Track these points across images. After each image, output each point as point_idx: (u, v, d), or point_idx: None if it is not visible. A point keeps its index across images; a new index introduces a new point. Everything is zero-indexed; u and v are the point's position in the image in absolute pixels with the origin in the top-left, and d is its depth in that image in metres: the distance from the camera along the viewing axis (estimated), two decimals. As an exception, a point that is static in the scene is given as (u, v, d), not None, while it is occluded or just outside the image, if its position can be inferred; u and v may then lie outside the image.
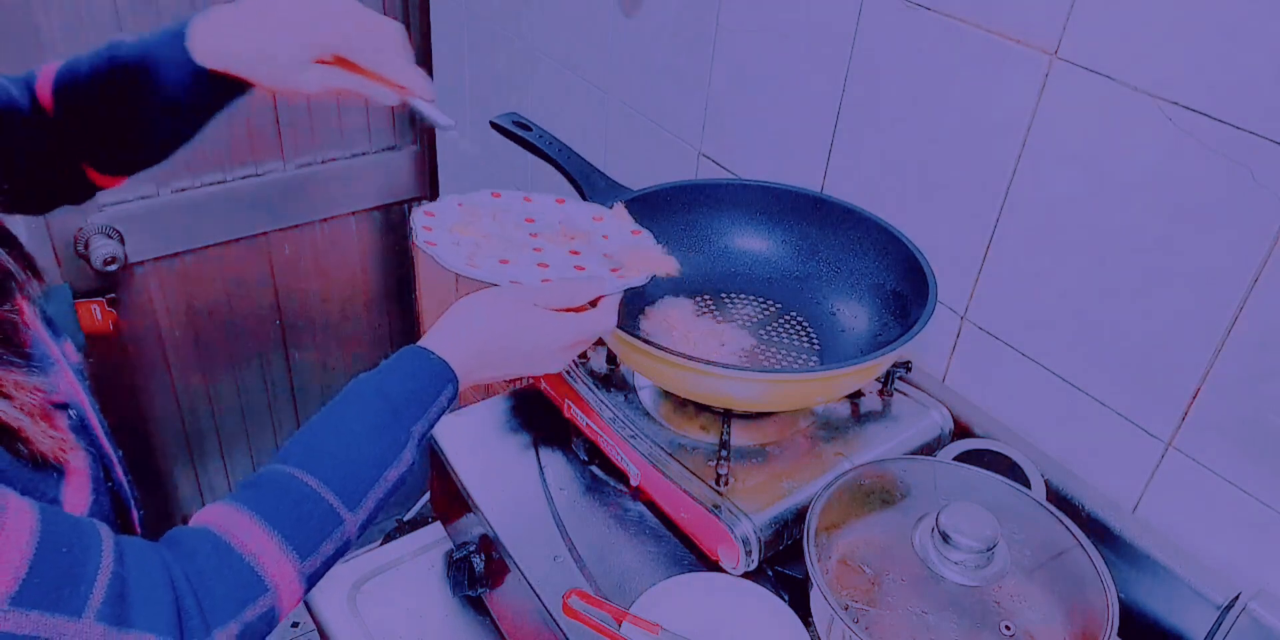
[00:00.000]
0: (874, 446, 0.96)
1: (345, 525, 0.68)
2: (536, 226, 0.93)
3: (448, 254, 0.85)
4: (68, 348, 0.75)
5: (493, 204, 0.95)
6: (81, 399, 0.72)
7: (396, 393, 0.73)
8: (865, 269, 1.01)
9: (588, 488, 1.02)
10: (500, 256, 0.87)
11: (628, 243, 0.93)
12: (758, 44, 1.16)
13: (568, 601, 0.84)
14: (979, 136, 0.95)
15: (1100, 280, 0.89)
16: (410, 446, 0.72)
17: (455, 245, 0.87)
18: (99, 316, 1.80)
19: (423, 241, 0.86)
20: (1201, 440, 0.85)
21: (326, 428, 0.71)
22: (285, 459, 0.69)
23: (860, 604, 0.76)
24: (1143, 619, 0.89)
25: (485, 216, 0.92)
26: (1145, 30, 0.79)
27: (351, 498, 0.68)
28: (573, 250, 0.90)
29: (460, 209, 0.93)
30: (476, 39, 1.74)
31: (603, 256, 0.90)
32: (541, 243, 0.91)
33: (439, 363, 0.75)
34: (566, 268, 0.87)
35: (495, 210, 0.94)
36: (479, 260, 0.86)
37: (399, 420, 0.72)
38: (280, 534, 0.64)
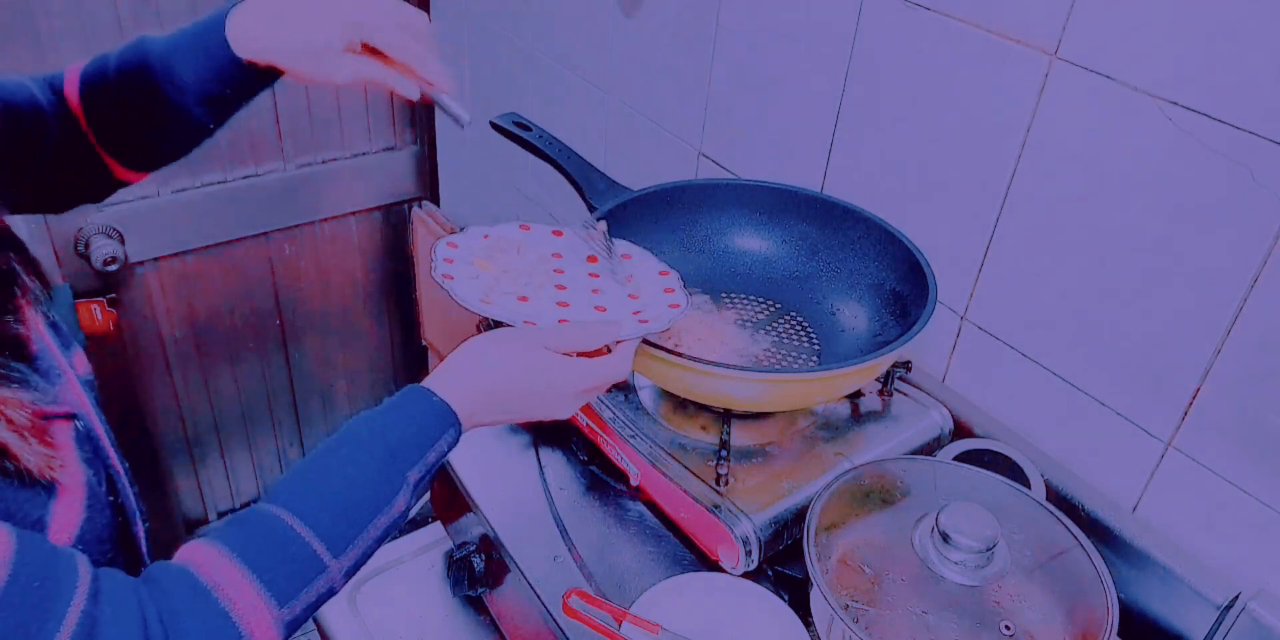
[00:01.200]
0: (874, 446, 0.96)
1: (329, 572, 0.65)
2: (562, 262, 0.90)
3: (463, 289, 0.83)
4: (77, 358, 0.74)
5: (519, 237, 0.92)
6: (89, 411, 0.71)
7: (395, 435, 0.70)
8: (865, 269, 1.01)
9: (588, 488, 1.02)
10: (519, 293, 0.85)
11: (654, 284, 0.91)
12: (758, 44, 1.16)
13: (568, 601, 0.84)
14: (979, 136, 0.95)
15: (1100, 280, 0.89)
16: (404, 493, 0.70)
17: (474, 280, 0.85)
18: (99, 316, 1.80)
19: (440, 275, 0.84)
20: (1201, 440, 0.85)
21: (320, 468, 0.69)
22: (274, 497, 0.67)
23: (860, 604, 0.76)
24: (1143, 619, 0.89)
25: (510, 250, 0.90)
26: (1145, 30, 0.79)
27: (338, 544, 0.66)
28: (595, 289, 0.88)
29: (485, 241, 0.91)
30: (476, 39, 1.74)
31: (627, 297, 0.88)
32: (565, 280, 0.88)
33: (441, 405, 0.72)
34: (587, 308, 0.85)
35: (521, 244, 0.91)
36: (495, 297, 0.83)
37: (394, 464, 0.69)
38: (260, 579, 0.62)
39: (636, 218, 1.00)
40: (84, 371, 0.75)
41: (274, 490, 0.68)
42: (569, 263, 0.91)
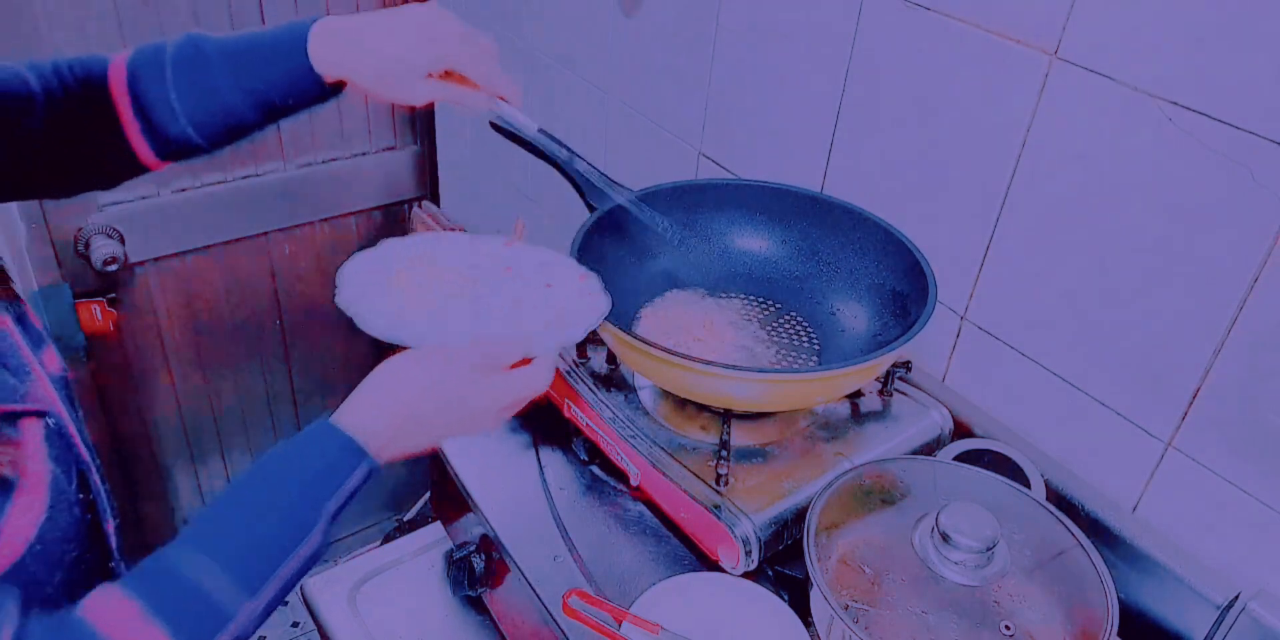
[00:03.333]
0: (874, 446, 0.96)
1: (242, 613, 0.64)
2: (480, 272, 0.87)
3: (369, 315, 0.80)
4: (48, 356, 0.74)
5: (434, 249, 0.89)
6: (59, 408, 0.71)
7: (306, 471, 0.69)
8: (865, 269, 1.01)
9: (588, 488, 1.02)
10: (434, 309, 0.82)
11: (573, 289, 0.87)
12: (758, 44, 1.16)
13: (568, 601, 0.84)
14: (979, 136, 0.95)
15: (1100, 280, 0.89)
16: (321, 526, 0.68)
17: (384, 298, 0.83)
18: (99, 316, 1.80)
19: (345, 300, 0.81)
20: (1201, 440, 0.85)
21: (231, 507, 0.68)
22: (186, 539, 0.66)
23: (860, 604, 0.76)
24: (1143, 619, 0.89)
25: (423, 264, 0.87)
26: (1145, 30, 0.79)
27: (252, 583, 0.65)
28: (515, 299, 0.85)
29: (397, 256, 0.87)
30: (476, 39, 1.74)
31: (546, 305, 0.85)
32: (483, 291, 0.85)
33: (347, 441, 0.70)
34: (505, 320, 0.82)
35: (436, 256, 0.88)
36: (410, 315, 0.81)
37: (307, 500, 0.68)
38: (169, 627, 0.61)
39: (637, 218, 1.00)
40: (55, 369, 0.74)
41: (187, 531, 0.67)
42: (487, 272, 0.88)
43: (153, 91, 0.84)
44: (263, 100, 0.84)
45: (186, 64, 0.83)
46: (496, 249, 0.91)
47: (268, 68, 0.83)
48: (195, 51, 0.84)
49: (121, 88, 0.84)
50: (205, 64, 0.83)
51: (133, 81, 0.84)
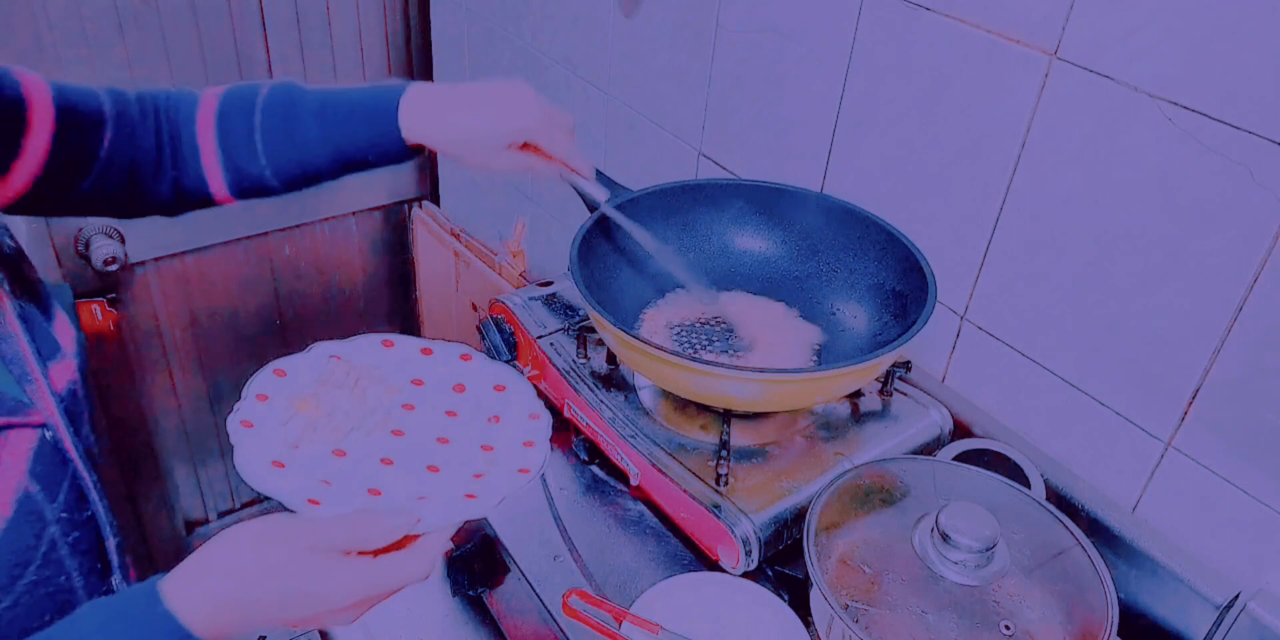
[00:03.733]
0: (874, 446, 0.96)
1: None
2: (420, 394, 0.76)
3: (253, 446, 0.68)
4: (59, 369, 0.74)
5: (373, 359, 0.78)
6: (58, 423, 0.70)
7: None
8: (865, 269, 1.01)
9: (588, 488, 1.02)
10: (336, 445, 0.70)
11: (518, 431, 0.74)
12: (758, 44, 1.16)
13: (568, 601, 0.84)
14: (979, 136, 0.95)
15: (1100, 280, 0.89)
16: None
17: (282, 426, 0.71)
18: (99, 316, 1.80)
19: (235, 423, 0.69)
20: (1201, 440, 0.85)
21: None
22: None
23: (860, 604, 0.76)
24: (1142, 619, 0.89)
25: (349, 382, 0.75)
26: (1145, 30, 0.79)
27: None
28: (442, 437, 0.73)
29: (326, 368, 0.76)
30: (476, 39, 1.74)
31: (479, 449, 0.73)
32: (409, 422, 0.73)
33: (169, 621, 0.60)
34: (416, 469, 0.70)
35: (367, 371, 0.77)
36: (303, 447, 0.69)
37: None
38: None
39: (636, 218, 1.00)
40: (63, 383, 0.73)
41: None
42: (427, 395, 0.76)
43: (239, 130, 0.88)
44: (344, 155, 0.90)
45: (277, 110, 0.88)
46: (451, 361, 0.80)
47: (357, 127, 0.88)
48: (288, 99, 0.89)
49: (209, 122, 0.88)
50: (295, 114, 0.88)
51: (222, 118, 0.88)
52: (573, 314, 1.11)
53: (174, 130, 0.88)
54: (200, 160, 0.89)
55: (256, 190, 0.92)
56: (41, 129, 0.80)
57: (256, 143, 0.88)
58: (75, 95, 0.83)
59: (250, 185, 0.91)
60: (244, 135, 0.88)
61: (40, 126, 0.79)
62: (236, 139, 0.88)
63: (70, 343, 0.78)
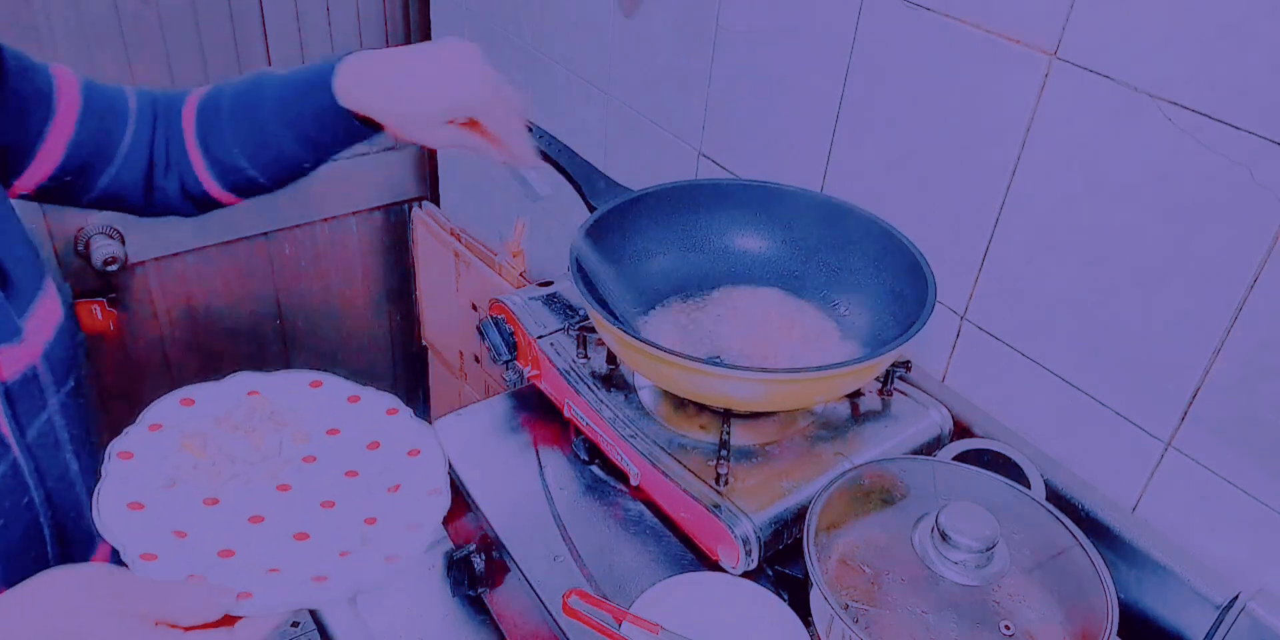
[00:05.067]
0: (874, 446, 0.96)
1: None
2: (329, 445, 0.71)
3: (117, 481, 0.64)
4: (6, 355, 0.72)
5: (299, 400, 0.73)
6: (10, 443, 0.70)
7: None
8: (865, 269, 1.01)
9: (588, 488, 1.02)
10: (212, 493, 0.66)
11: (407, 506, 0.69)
12: (758, 44, 1.16)
13: (568, 601, 0.84)
14: (979, 136, 0.95)
15: (1100, 280, 0.89)
16: None
17: (160, 463, 0.67)
18: (99, 316, 1.80)
19: (113, 452, 0.66)
20: (1201, 440, 0.85)
21: None
22: None
23: (860, 604, 0.76)
24: (1142, 619, 0.89)
25: (254, 424, 0.71)
26: (1145, 30, 0.79)
27: None
28: (327, 500, 0.67)
29: (238, 403, 0.72)
30: (476, 39, 1.74)
31: (363, 521, 0.67)
32: (306, 476, 0.69)
33: None
34: (282, 536, 0.64)
35: (279, 414, 0.73)
36: (173, 492, 0.64)
37: None
38: None
39: (636, 218, 1.00)
40: (12, 371, 0.72)
41: None
42: (335, 448, 0.71)
43: (214, 126, 0.88)
44: (303, 135, 0.85)
45: (242, 98, 0.87)
46: (375, 413, 0.75)
47: (302, 103, 0.84)
48: (252, 86, 0.87)
49: (190, 120, 0.88)
50: (257, 99, 0.86)
51: (200, 114, 0.88)
52: (573, 314, 1.11)
53: (172, 131, 0.89)
54: (189, 159, 0.89)
55: (247, 186, 0.90)
56: (66, 120, 0.82)
57: (228, 136, 0.87)
58: (103, 91, 0.86)
59: (239, 181, 0.90)
60: (218, 130, 0.87)
61: (65, 118, 0.82)
62: (214, 135, 0.88)
63: (46, 326, 0.77)
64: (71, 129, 0.83)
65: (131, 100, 0.88)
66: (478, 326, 1.12)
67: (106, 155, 0.86)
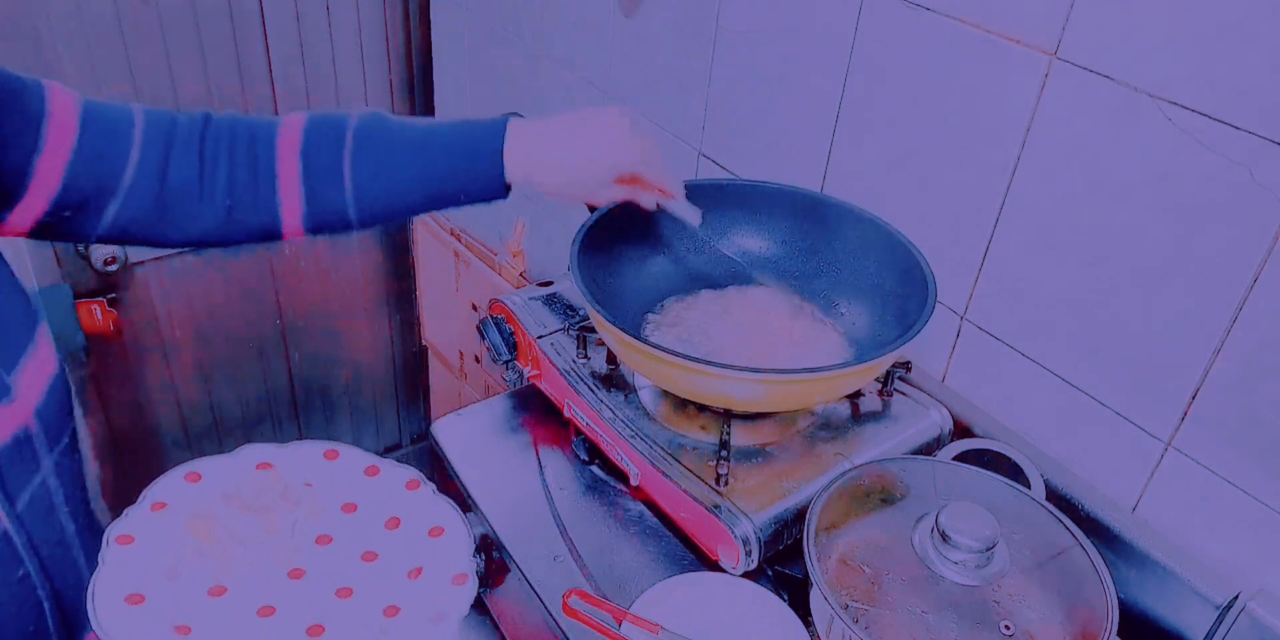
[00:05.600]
0: (874, 446, 0.96)
1: None
2: (349, 523, 0.66)
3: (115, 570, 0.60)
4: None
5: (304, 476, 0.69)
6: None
7: None
8: (865, 269, 1.01)
9: (588, 488, 1.02)
10: (218, 581, 0.62)
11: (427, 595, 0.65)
12: (758, 44, 1.16)
13: (568, 601, 0.84)
14: (979, 136, 0.95)
15: (1100, 280, 0.89)
16: None
17: (164, 548, 0.63)
18: (99, 317, 1.80)
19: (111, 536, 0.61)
20: (1201, 440, 0.85)
21: None
22: None
23: (860, 604, 0.76)
24: (1142, 619, 0.89)
25: (264, 503, 0.67)
26: (1145, 30, 0.79)
27: None
28: (344, 588, 0.63)
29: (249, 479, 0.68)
30: (476, 39, 1.74)
31: (381, 613, 0.64)
32: (317, 562, 0.64)
33: None
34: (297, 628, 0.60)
35: (291, 491, 0.69)
36: (177, 583, 0.60)
37: None
38: None
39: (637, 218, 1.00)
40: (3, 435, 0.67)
41: None
42: (352, 527, 0.67)
43: (326, 161, 0.82)
44: (439, 192, 0.84)
45: (372, 142, 0.82)
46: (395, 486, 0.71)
47: (457, 163, 0.83)
48: (381, 131, 0.83)
49: (292, 150, 0.82)
50: (391, 146, 0.82)
51: (308, 147, 0.82)
52: (573, 314, 1.11)
53: (250, 158, 0.82)
54: (277, 190, 0.82)
55: (333, 225, 0.85)
56: (58, 150, 0.74)
57: (344, 174, 0.82)
58: (104, 114, 0.78)
59: (328, 220, 0.84)
60: (332, 166, 0.82)
61: (57, 148, 0.74)
62: (323, 170, 0.82)
63: (38, 382, 0.71)
64: (66, 158, 0.75)
65: (138, 123, 0.80)
66: (478, 326, 1.12)
67: (109, 187, 0.78)
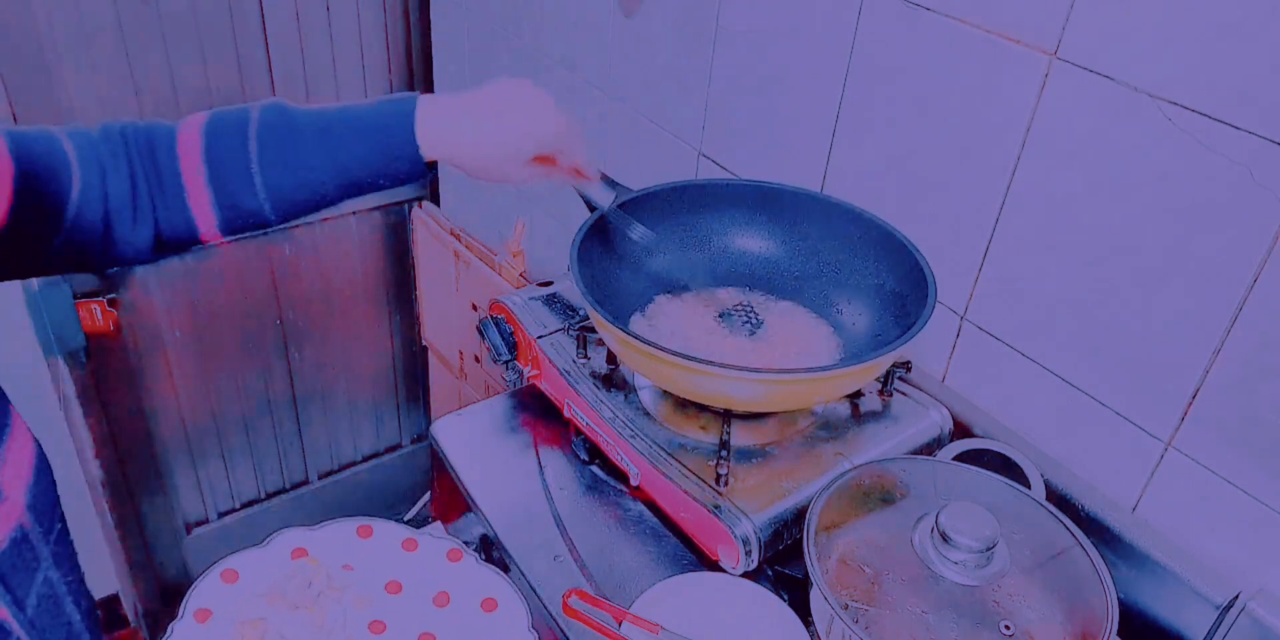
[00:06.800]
0: (874, 446, 0.96)
1: None
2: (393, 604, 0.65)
3: None
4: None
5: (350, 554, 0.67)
6: (10, 624, 0.62)
7: None
8: (865, 269, 1.01)
9: (588, 488, 1.02)
10: None
11: None
12: (758, 44, 1.16)
13: (568, 601, 0.84)
14: (979, 136, 0.95)
15: (1100, 280, 0.89)
16: None
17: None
18: (99, 316, 1.80)
19: None
20: (1201, 440, 0.85)
21: None
22: None
23: (860, 604, 0.76)
24: (1142, 619, 0.89)
25: (313, 596, 0.65)
26: (1145, 30, 0.79)
27: None
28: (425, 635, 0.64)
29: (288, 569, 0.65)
30: (476, 39, 1.74)
31: None
32: None
33: None
34: None
35: (339, 573, 0.66)
36: None
37: None
38: None
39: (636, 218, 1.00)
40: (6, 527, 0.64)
41: None
42: (402, 610, 0.66)
43: (231, 161, 0.78)
44: (352, 178, 0.81)
45: (274, 135, 0.79)
46: (437, 560, 0.69)
47: (368, 147, 0.80)
48: (284, 121, 0.80)
49: (194, 155, 0.78)
50: (296, 137, 0.79)
51: (210, 150, 0.79)
52: (573, 314, 1.11)
53: (152, 167, 0.78)
54: (185, 198, 0.79)
55: (249, 224, 0.82)
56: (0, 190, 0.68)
57: (252, 173, 0.79)
58: (36, 144, 0.73)
59: (243, 220, 0.81)
60: (238, 166, 0.79)
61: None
62: (229, 171, 0.79)
63: (22, 470, 0.66)
64: (8, 200, 0.68)
65: (70, 149, 0.74)
66: (478, 326, 1.12)
67: (54, 219, 0.73)
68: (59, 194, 0.73)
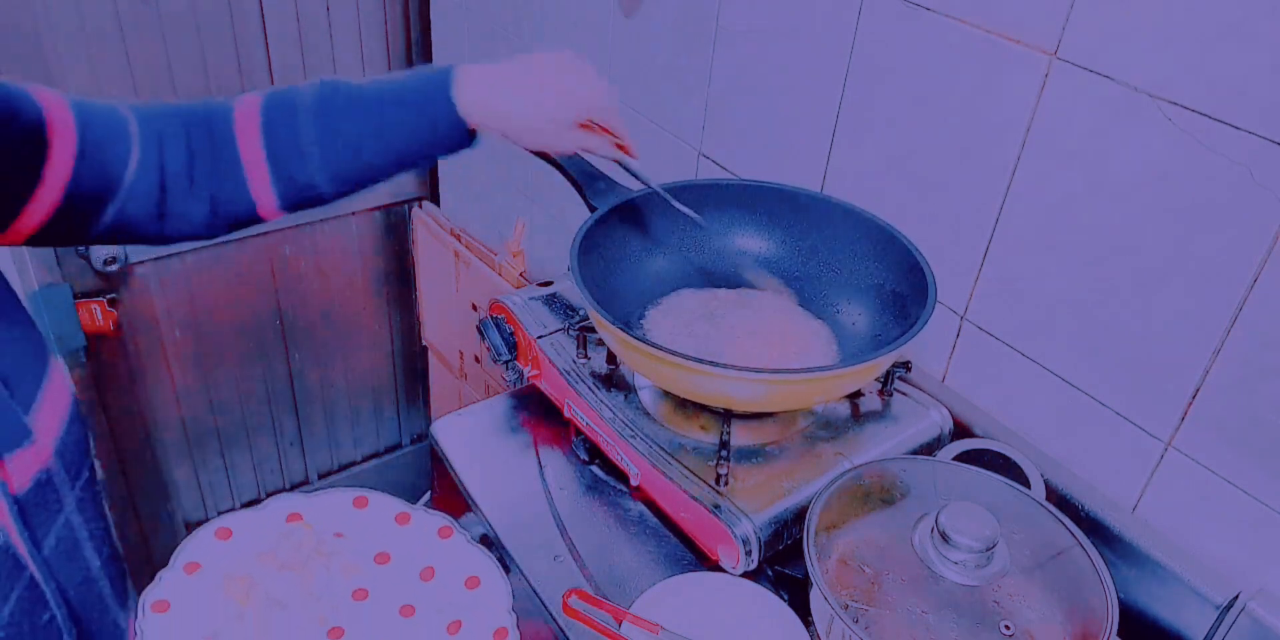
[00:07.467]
0: (874, 446, 0.96)
1: None
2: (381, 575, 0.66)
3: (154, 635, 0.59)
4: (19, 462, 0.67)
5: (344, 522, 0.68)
6: (8, 526, 0.65)
7: None
8: (865, 269, 1.01)
9: (588, 488, 1.02)
10: None
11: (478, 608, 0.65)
12: (758, 44, 1.16)
13: (568, 601, 0.84)
14: (979, 136, 0.95)
15: (1100, 280, 0.89)
16: None
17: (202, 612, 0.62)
18: (99, 317, 1.80)
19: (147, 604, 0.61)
20: (1201, 440, 0.85)
21: None
22: None
23: (860, 604, 0.76)
24: (1142, 619, 0.89)
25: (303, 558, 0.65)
26: (1145, 30, 0.79)
27: None
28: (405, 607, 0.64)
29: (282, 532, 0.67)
30: (476, 38, 1.74)
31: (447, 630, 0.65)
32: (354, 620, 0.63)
33: None
34: None
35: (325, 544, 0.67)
36: None
37: None
38: None
39: (637, 218, 1.00)
40: (24, 479, 0.67)
41: None
42: (387, 580, 0.67)
43: (287, 137, 0.80)
44: (400, 148, 0.82)
45: (327, 110, 0.81)
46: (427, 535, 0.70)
47: (412, 114, 0.81)
48: (335, 96, 0.81)
49: (253, 131, 0.80)
50: (345, 110, 0.81)
51: (268, 125, 0.80)
52: (573, 314, 1.11)
53: (212, 145, 0.80)
54: (244, 174, 0.80)
55: (307, 200, 0.84)
56: (63, 155, 0.72)
57: (308, 147, 0.80)
58: (98, 114, 0.76)
59: (301, 195, 0.83)
60: (293, 141, 0.80)
61: (61, 153, 0.72)
62: (285, 146, 0.80)
63: (55, 417, 0.70)
64: (70, 166, 0.73)
65: (131, 121, 0.78)
66: (478, 326, 1.12)
67: (110, 188, 0.76)
68: (118, 162, 0.76)
